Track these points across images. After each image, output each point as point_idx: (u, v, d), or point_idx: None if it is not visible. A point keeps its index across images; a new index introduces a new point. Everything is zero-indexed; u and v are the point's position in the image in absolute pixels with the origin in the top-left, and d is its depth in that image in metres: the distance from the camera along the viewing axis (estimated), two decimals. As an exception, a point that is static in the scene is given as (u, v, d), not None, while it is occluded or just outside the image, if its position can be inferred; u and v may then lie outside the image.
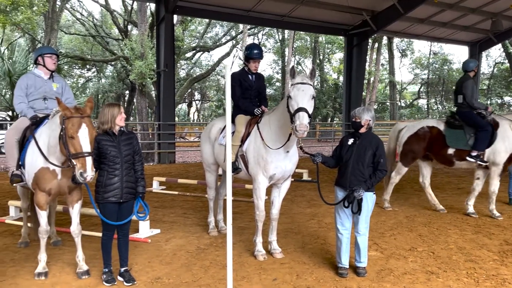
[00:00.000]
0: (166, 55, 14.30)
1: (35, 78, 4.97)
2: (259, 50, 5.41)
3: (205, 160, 5.88)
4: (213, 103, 43.09)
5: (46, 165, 4.15)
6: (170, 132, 15.31)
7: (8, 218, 6.57)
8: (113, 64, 31.22)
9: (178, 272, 4.46)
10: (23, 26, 20.24)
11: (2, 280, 4.17)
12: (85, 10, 32.14)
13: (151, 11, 22.01)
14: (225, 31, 33.15)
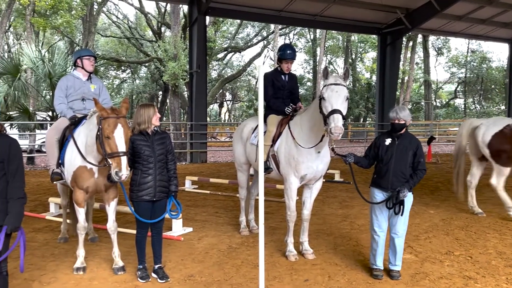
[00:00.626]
0: (198, 56, 14.49)
1: (74, 79, 5.15)
2: (292, 51, 5.40)
3: (237, 160, 5.93)
4: (244, 103, 43.27)
5: (84, 164, 4.29)
6: (202, 132, 15.49)
7: (48, 214, 6.84)
8: (147, 66, 31.94)
9: (210, 271, 4.51)
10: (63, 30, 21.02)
11: (43, 273, 4.35)
12: (120, 13, 33.10)
13: (184, 13, 22.36)
14: (257, 32, 33.26)
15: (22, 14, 20.49)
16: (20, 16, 21.50)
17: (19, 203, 3.10)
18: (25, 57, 13.19)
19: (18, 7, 20.36)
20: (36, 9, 18.10)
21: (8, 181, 3.09)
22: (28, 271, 4.40)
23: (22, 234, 3.16)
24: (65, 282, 4.15)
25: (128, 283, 4.18)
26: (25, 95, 13.51)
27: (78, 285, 4.10)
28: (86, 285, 4.11)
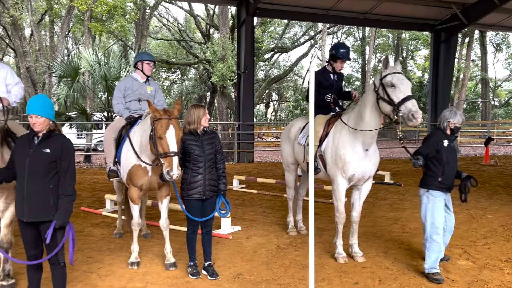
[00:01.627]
0: (246, 57, 14.62)
1: (133, 81, 5.36)
2: (347, 50, 5.33)
3: (285, 160, 5.92)
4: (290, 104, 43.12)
5: (138, 162, 4.46)
6: (249, 132, 15.62)
7: (104, 210, 7.16)
8: (196, 67, 32.65)
9: (258, 270, 4.54)
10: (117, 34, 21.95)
11: (101, 267, 4.57)
12: (171, 16, 34.10)
13: (232, 14, 22.65)
14: (304, 31, 33.05)
15: (80, 19, 21.62)
16: (78, 22, 22.70)
17: (68, 199, 3.27)
18: (83, 61, 13.89)
19: (76, 13, 21.51)
20: (93, 14, 19.04)
21: (60, 178, 3.28)
22: (87, 263, 4.64)
23: (71, 229, 3.32)
24: (121, 276, 4.33)
25: (179, 279, 4.29)
26: (83, 96, 14.24)
27: (132, 279, 4.26)
28: (140, 279, 4.26)
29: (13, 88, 4.57)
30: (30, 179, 3.23)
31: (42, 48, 21.91)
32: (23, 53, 18.81)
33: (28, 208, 3.24)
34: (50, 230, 3.18)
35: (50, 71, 16.20)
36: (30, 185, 3.24)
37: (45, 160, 3.24)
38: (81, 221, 6.43)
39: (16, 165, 3.31)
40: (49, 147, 3.26)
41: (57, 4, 20.98)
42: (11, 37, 23.14)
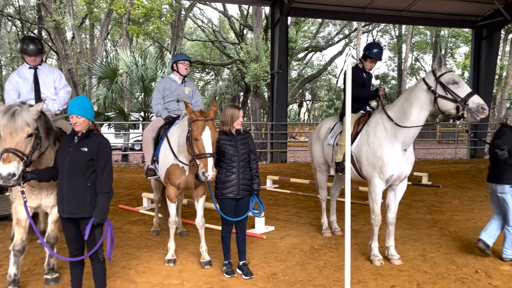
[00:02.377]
0: (280, 57, 14.60)
1: (171, 82, 5.48)
2: (380, 50, 5.26)
3: (316, 160, 5.90)
4: (324, 103, 42.74)
5: (176, 162, 4.55)
6: (282, 132, 15.59)
7: (142, 208, 7.35)
8: (230, 67, 32.89)
9: (293, 270, 4.54)
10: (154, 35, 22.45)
11: (139, 263, 4.69)
12: (205, 17, 34.48)
13: (266, 14, 22.68)
14: (338, 30, 32.65)
15: (118, 22, 22.26)
16: (117, 25, 23.38)
17: (105, 197, 3.39)
18: (121, 62, 14.29)
19: (115, 16, 22.15)
20: (131, 17, 19.55)
21: (97, 177, 3.39)
22: (125, 260, 4.78)
23: (109, 226, 3.44)
24: (158, 272, 4.43)
25: (215, 277, 4.35)
26: (120, 97, 14.66)
27: (169, 276, 4.35)
28: (176, 276, 4.35)
29: (61, 91, 4.78)
30: (69, 177, 3.37)
31: (82, 50, 22.72)
32: (65, 55, 19.57)
33: (67, 205, 3.38)
34: (88, 227, 3.30)
35: (90, 73, 16.79)
36: (69, 182, 3.37)
37: (83, 159, 3.36)
38: (119, 219, 6.62)
39: (57, 164, 3.46)
40: (87, 146, 3.39)
41: (97, 8, 21.68)
42: (54, 40, 24.13)
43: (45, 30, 25.56)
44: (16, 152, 3.27)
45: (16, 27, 32.84)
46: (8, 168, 3.20)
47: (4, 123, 3.30)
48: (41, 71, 4.68)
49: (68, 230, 3.52)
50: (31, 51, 4.55)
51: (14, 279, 3.86)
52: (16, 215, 3.91)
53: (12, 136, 3.29)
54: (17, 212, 3.90)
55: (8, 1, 28.02)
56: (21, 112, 3.37)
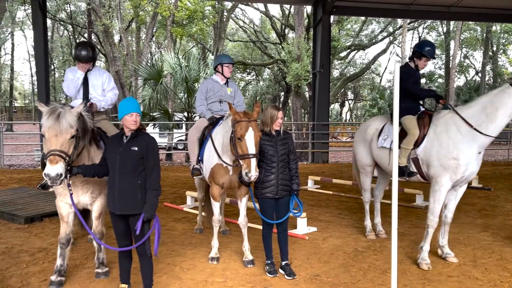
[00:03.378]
0: (322, 56, 14.45)
1: (214, 83, 5.57)
2: (432, 48, 5.11)
3: (360, 162, 5.78)
4: (367, 102, 41.88)
5: (220, 162, 4.61)
6: (324, 132, 15.41)
7: (185, 206, 7.51)
8: (271, 67, 32.94)
9: (336, 272, 4.48)
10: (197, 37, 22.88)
11: (183, 260, 4.79)
12: (247, 17, 34.77)
13: (308, 13, 22.52)
14: (382, 28, 31.90)
15: (163, 25, 22.86)
16: (161, 27, 24.02)
17: (154, 194, 3.50)
18: (165, 64, 14.65)
19: (160, 19, 22.77)
20: (175, 19, 20.03)
21: (147, 174, 3.51)
22: (170, 256, 4.90)
23: (157, 222, 3.55)
24: (202, 270, 4.51)
25: (257, 276, 4.37)
26: (165, 97, 15.03)
27: (212, 274, 4.42)
28: (219, 274, 4.41)
29: (109, 92, 4.98)
30: (121, 176, 3.50)
31: (129, 52, 23.52)
32: (113, 58, 20.34)
33: (119, 202, 3.51)
34: (140, 222, 3.42)
35: (136, 74, 17.33)
36: (121, 181, 3.50)
37: (134, 158, 3.49)
38: (164, 216, 6.80)
39: (108, 163, 3.60)
40: (137, 146, 3.51)
41: (143, 11, 22.37)
42: (103, 43, 25.13)
43: (95, 33, 26.68)
44: (61, 154, 3.43)
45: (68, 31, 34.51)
46: (56, 169, 3.37)
47: (50, 125, 3.45)
48: (91, 73, 4.89)
49: (118, 227, 3.66)
50: (84, 58, 4.76)
51: (60, 269, 4.10)
52: (59, 210, 4.14)
53: (57, 137, 3.45)
54: (60, 208, 4.12)
55: (61, 7, 29.48)
56: (65, 114, 3.51)
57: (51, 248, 5.11)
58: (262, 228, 4.50)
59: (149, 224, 3.56)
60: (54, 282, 4.02)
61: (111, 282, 4.14)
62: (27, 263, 4.67)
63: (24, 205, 6.89)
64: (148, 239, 3.59)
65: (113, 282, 4.14)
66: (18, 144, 20.51)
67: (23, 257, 4.85)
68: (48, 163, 3.38)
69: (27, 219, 6.23)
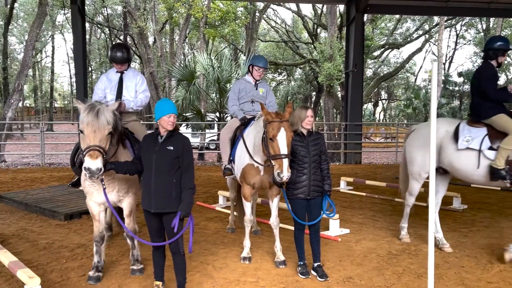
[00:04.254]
0: (355, 55, 14.25)
1: (246, 83, 5.60)
2: (506, 43, 4.96)
3: (417, 168, 5.30)
4: (401, 102, 40.98)
5: (251, 162, 4.63)
6: (357, 133, 15.20)
7: (217, 206, 7.58)
8: (302, 67, 32.77)
9: (369, 275, 4.41)
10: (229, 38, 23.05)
11: (216, 259, 4.85)
12: (278, 18, 34.65)
13: (340, 12, 22.27)
14: (417, 26, 31.10)
15: (196, 26, 23.17)
16: (194, 28, 24.37)
17: (190, 192, 3.57)
18: (198, 65, 14.85)
19: (193, 21, 23.10)
20: (207, 21, 20.27)
21: (182, 173, 3.57)
22: (203, 255, 4.96)
23: (191, 220, 3.60)
24: (234, 269, 4.54)
25: (289, 277, 4.36)
26: (197, 98, 15.23)
27: (245, 273, 4.44)
28: (252, 274, 4.43)
29: (140, 94, 5.09)
30: (157, 175, 3.58)
31: (163, 54, 23.98)
32: (148, 59, 20.79)
33: (154, 201, 3.59)
34: (176, 220, 3.49)
35: (170, 75, 17.67)
36: (156, 179, 3.58)
37: (170, 157, 3.56)
38: (197, 215, 6.89)
39: (144, 162, 3.69)
40: (172, 145, 3.58)
41: (177, 13, 22.76)
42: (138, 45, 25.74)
43: (130, 36, 27.36)
44: (99, 149, 3.54)
45: (105, 34, 35.55)
46: (96, 163, 3.49)
47: (88, 121, 3.57)
48: (126, 75, 5.03)
49: (152, 225, 3.74)
50: (119, 60, 4.90)
51: (97, 265, 4.25)
52: (90, 210, 4.28)
53: (96, 133, 3.57)
54: (90, 207, 4.26)
55: (98, 10, 30.42)
56: (103, 110, 3.64)
57: (89, 244, 5.28)
58: (294, 229, 4.49)
59: (182, 222, 3.62)
60: (92, 277, 4.16)
61: (146, 279, 4.24)
62: (66, 258, 4.85)
63: (64, 202, 7.16)
64: (181, 237, 3.65)
65: (148, 279, 4.23)
66: (58, 143, 21.34)
67: (63, 252, 5.04)
68: (88, 158, 3.50)
69: (66, 216, 6.47)
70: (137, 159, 3.79)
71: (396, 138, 19.64)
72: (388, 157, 19.15)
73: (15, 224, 6.26)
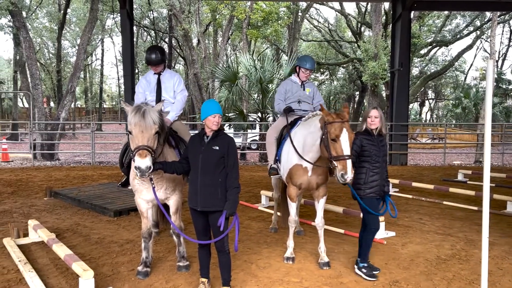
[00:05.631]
0: (401, 54, 13.88)
1: (292, 84, 5.58)
2: None
3: None
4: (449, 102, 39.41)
5: (299, 162, 4.61)
6: (403, 133, 14.78)
7: (260, 205, 7.62)
8: (345, 67, 32.28)
9: (417, 279, 4.29)
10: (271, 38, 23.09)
11: (259, 258, 4.88)
12: (321, 17, 34.36)
13: (385, 10, 21.75)
14: (468, 22, 29.79)
15: (239, 27, 23.40)
16: (237, 29, 24.61)
17: (235, 192, 3.62)
18: (241, 65, 14.99)
19: (236, 22, 23.34)
20: (250, 22, 20.41)
21: (227, 173, 3.63)
22: (246, 254, 5.01)
23: (237, 219, 3.65)
24: (277, 269, 4.55)
25: (334, 278, 4.32)
26: (240, 99, 15.38)
27: (288, 273, 4.44)
28: (295, 274, 4.42)
29: (178, 95, 5.17)
30: (203, 174, 3.66)
31: (207, 55, 24.38)
32: (192, 61, 21.21)
33: (201, 199, 3.67)
34: (222, 218, 3.55)
35: (213, 76, 17.92)
36: (203, 178, 3.66)
37: (215, 157, 3.63)
38: (240, 214, 6.93)
39: (191, 161, 3.78)
40: (218, 145, 3.65)
41: (220, 15, 23.09)
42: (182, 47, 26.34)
43: (175, 38, 28.04)
44: (148, 148, 3.66)
45: (151, 36, 36.67)
46: (145, 162, 3.61)
47: (136, 121, 3.70)
48: (163, 76, 5.14)
49: (198, 223, 3.82)
50: (154, 61, 5.03)
51: (146, 260, 4.40)
52: (138, 207, 4.42)
53: (143, 133, 3.69)
54: (139, 205, 4.39)
55: (145, 14, 31.40)
56: (150, 111, 3.75)
57: (137, 240, 5.47)
58: (363, 230, 4.42)
59: (228, 221, 3.68)
60: (141, 272, 4.31)
61: (192, 276, 4.34)
62: (116, 253, 5.05)
63: (113, 199, 7.46)
64: (227, 235, 3.71)
65: (193, 275, 4.33)
66: (107, 143, 22.23)
67: (113, 247, 5.26)
68: (138, 157, 3.63)
69: (116, 212, 6.74)
70: (184, 159, 3.89)
71: (444, 139, 18.93)
72: (436, 159, 18.50)
73: (69, 219, 6.59)
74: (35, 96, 16.17)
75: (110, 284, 4.11)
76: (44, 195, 8.24)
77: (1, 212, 6.95)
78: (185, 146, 4.34)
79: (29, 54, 15.99)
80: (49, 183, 9.61)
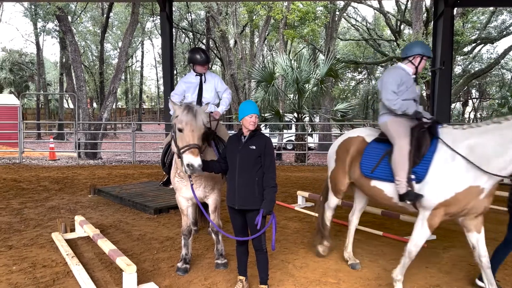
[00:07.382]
0: (443, 52, 13.45)
1: (407, 75, 4.19)
2: None
3: None
4: (495, 101, 37.73)
5: (476, 184, 3.61)
6: (444, 134, 14.31)
7: (296, 206, 7.62)
8: (384, 66, 31.59)
9: (460, 284, 4.18)
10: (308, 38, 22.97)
11: (296, 258, 4.89)
12: (359, 15, 33.78)
13: (427, 7, 21.14)
14: (515, 17, 28.43)
15: (275, 27, 23.43)
16: (274, 30, 24.66)
17: (272, 191, 3.65)
18: (278, 66, 15.02)
19: (272, 22, 23.39)
20: (287, 22, 20.39)
21: (264, 172, 3.68)
22: (283, 254, 5.03)
23: (274, 218, 3.69)
24: (314, 269, 4.55)
25: (372, 280, 4.27)
26: (276, 99, 15.41)
27: (325, 274, 4.43)
28: (332, 275, 4.41)
29: (224, 93, 5.30)
30: (241, 173, 3.72)
31: (243, 56, 24.58)
32: (229, 62, 21.45)
33: (239, 198, 3.73)
34: (259, 217, 3.60)
35: (250, 77, 18.08)
36: (240, 178, 3.72)
37: (252, 156, 3.68)
38: (276, 214, 6.96)
39: (229, 161, 3.85)
40: (255, 145, 3.70)
41: (256, 16, 23.21)
42: (219, 48, 26.68)
43: (212, 39, 28.44)
44: (198, 147, 3.77)
45: (189, 38, 37.33)
46: (198, 160, 3.73)
47: (188, 120, 3.80)
48: (205, 77, 5.25)
49: (236, 221, 3.89)
50: (201, 61, 5.13)
51: (185, 257, 4.52)
52: (179, 205, 4.54)
53: (193, 132, 3.80)
54: (179, 202, 4.52)
55: (183, 16, 32.03)
56: (200, 111, 3.87)
57: (177, 237, 5.62)
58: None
59: (265, 220, 3.72)
60: (181, 268, 4.43)
61: (230, 273, 4.41)
62: (157, 249, 5.20)
63: (153, 198, 7.68)
64: (264, 234, 3.75)
65: (231, 273, 4.40)
66: (146, 142, 22.84)
67: (153, 244, 5.42)
68: (191, 155, 3.75)
69: (156, 210, 6.93)
70: (222, 158, 3.97)
71: (489, 140, 18.19)
72: (479, 161, 17.80)
73: (112, 216, 6.85)
74: (80, 97, 16.88)
75: (151, 279, 4.25)
76: (88, 192, 8.60)
77: (49, 208, 7.31)
78: (224, 145, 4.43)
79: (75, 57, 16.71)
80: (92, 181, 10.01)
